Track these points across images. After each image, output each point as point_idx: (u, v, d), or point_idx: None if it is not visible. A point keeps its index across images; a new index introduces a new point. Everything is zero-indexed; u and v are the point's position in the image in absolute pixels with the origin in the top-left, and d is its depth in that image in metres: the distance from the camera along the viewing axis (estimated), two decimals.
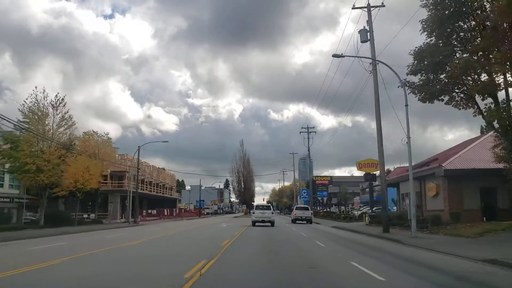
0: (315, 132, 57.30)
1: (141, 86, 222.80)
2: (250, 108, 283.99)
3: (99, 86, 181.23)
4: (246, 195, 77.36)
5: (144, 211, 58.89)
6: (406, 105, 19.24)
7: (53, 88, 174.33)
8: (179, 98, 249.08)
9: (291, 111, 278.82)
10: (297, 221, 41.82)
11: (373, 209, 42.69)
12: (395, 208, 47.13)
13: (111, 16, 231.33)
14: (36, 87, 33.79)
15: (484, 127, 69.97)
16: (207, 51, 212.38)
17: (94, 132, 40.70)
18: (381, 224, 30.50)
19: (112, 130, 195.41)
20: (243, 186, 76.73)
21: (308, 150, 56.56)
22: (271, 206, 39.56)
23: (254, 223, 33.77)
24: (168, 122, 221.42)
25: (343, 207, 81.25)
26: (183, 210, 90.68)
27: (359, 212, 48.74)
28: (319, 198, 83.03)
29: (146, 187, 71.21)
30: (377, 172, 45.92)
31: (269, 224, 33.32)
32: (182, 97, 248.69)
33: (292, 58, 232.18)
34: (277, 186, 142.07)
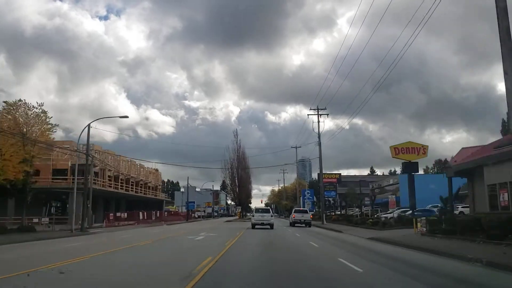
0: (327, 115, 45.12)
1: (137, 88, 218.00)
2: (247, 110, 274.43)
3: (94, 88, 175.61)
4: (241, 195, 64.70)
5: (112, 214, 46.63)
6: None
7: (48, 90, 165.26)
8: (175, 100, 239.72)
9: (288, 113, 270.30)
10: (295, 224, 40.61)
11: (412, 211, 30.74)
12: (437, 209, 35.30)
13: (106, 18, 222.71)
14: None
15: (506, 120, 58.05)
16: (202, 52, 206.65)
17: (21, 100, 28.39)
18: (455, 235, 18.60)
19: (108, 132, 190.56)
20: (237, 184, 64.32)
21: (319, 137, 44.57)
22: (270, 209, 39.97)
23: (253, 226, 33.81)
24: (165, 124, 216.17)
25: (357, 209, 69.58)
26: (166, 213, 78.38)
27: (392, 215, 36.46)
28: (329, 199, 71.20)
29: (122, 186, 59.04)
30: (420, 160, 33.67)
31: (268, 226, 33.46)
32: (179, 99, 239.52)
33: (289, 59, 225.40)
34: (276, 187, 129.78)
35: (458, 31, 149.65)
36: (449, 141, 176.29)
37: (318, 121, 44.54)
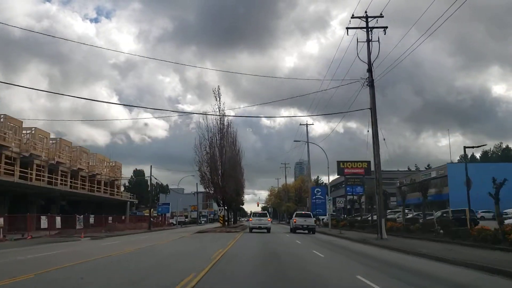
0: (385, 29, 23.04)
1: (130, 91, 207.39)
2: (241, 113, 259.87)
3: (86, 92, 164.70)
4: (226, 190, 40.08)
5: None
6: None
7: (39, 94, 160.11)
8: (168, 103, 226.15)
9: (283, 117, 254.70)
10: (297, 231, 33.17)
11: None
12: None
13: (96, 20, 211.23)
14: None
15: None
16: (194, 54, 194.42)
17: None
18: None
19: (100, 136, 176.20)
20: (220, 171, 39.60)
21: (370, 71, 22.56)
22: (267, 214, 37.81)
23: (251, 230, 32.68)
24: (158, 128, 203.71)
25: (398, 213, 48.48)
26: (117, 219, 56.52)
27: None
28: (355, 197, 49.64)
29: (39, 176, 37.47)
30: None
31: (265, 230, 32.29)
32: (172, 103, 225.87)
33: (282, 61, 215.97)
34: (276, 186, 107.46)
35: (453, 32, 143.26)
36: (445, 144, 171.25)
37: (369, 40, 22.66)
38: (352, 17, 23.17)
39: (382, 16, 22.96)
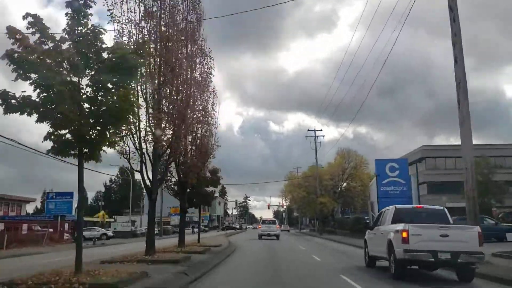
0: None
1: None
2: (249, 119, 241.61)
3: None
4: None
5: None
6: None
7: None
8: None
9: (291, 121, 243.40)
10: (410, 266, 10.14)
11: None
12: None
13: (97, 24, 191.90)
14: None
15: None
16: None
17: None
18: None
19: None
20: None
21: None
22: (276, 221, 41.21)
23: (260, 236, 35.41)
24: None
25: None
26: None
27: None
28: None
29: None
30: None
31: (274, 237, 34.89)
32: None
33: (287, 63, 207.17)
34: (296, 173, 67.33)
35: (464, 32, 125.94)
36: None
37: None
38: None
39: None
